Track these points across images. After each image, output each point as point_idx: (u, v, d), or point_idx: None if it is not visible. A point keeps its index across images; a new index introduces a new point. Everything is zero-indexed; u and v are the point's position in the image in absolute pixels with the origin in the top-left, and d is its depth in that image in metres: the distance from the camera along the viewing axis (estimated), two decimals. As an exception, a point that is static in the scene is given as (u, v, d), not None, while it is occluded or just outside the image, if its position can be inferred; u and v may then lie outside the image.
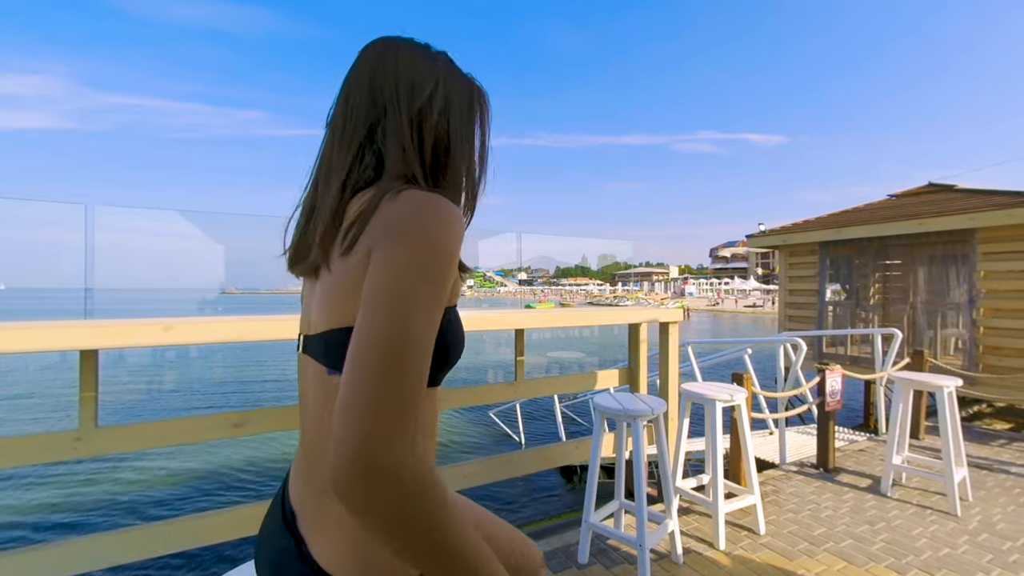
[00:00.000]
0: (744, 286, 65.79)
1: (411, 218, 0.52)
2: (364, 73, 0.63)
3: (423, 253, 0.50)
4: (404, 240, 0.51)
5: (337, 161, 0.62)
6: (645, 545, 1.91)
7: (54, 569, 1.46)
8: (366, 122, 0.62)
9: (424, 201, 0.53)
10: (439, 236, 0.51)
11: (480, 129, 0.69)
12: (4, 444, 1.45)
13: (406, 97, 0.62)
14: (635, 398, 2.13)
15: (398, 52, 0.64)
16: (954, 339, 6.50)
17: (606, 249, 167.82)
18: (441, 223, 0.52)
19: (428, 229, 0.51)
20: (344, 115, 0.63)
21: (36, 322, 1.52)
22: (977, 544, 2.32)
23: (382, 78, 0.63)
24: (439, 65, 0.66)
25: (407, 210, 0.52)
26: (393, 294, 0.48)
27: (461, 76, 0.68)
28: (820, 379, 3.25)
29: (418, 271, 0.50)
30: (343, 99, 0.64)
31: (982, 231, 5.22)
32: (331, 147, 0.64)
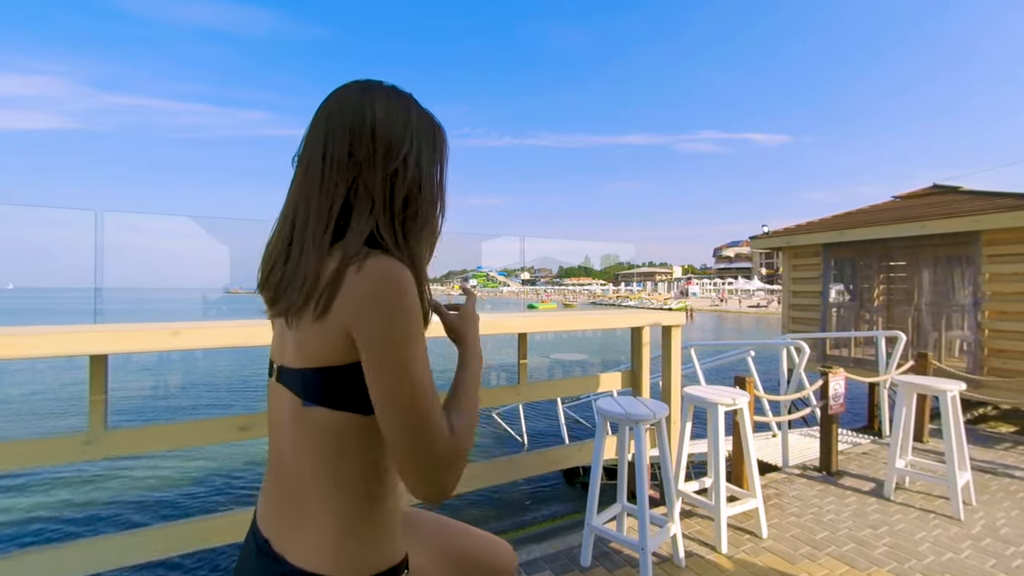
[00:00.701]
0: (748, 286, 65.55)
1: (381, 299, 0.60)
2: (342, 128, 0.66)
3: (404, 325, 0.61)
4: (384, 323, 0.60)
5: (316, 216, 0.65)
6: (647, 548, 1.92)
7: (58, 570, 1.49)
8: (347, 180, 0.65)
9: (386, 276, 0.61)
10: (408, 305, 0.61)
11: (440, 165, 0.75)
12: (16, 447, 1.48)
13: (382, 158, 0.66)
14: (637, 402, 2.14)
15: (375, 106, 0.67)
16: (958, 341, 6.47)
17: (609, 249, 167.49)
18: (404, 295, 0.61)
19: (397, 304, 0.61)
20: (322, 170, 0.66)
21: (47, 327, 1.54)
22: (980, 549, 2.32)
23: (359, 135, 0.66)
24: (412, 117, 0.70)
25: (374, 289, 0.60)
26: (403, 378, 0.60)
27: (427, 121, 0.73)
28: (823, 382, 3.25)
29: (406, 341, 0.61)
30: (321, 152, 0.66)
31: (987, 233, 5.20)
32: (308, 196, 0.66)
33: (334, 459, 0.64)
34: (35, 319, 1.52)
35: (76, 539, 1.57)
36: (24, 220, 3.62)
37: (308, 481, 0.65)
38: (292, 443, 0.66)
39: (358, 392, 0.63)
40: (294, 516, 0.66)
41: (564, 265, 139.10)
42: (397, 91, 0.71)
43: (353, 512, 0.65)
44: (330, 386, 0.63)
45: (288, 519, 0.66)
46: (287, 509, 0.67)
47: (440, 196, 0.74)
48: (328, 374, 0.63)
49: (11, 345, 1.39)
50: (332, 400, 0.64)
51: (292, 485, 0.67)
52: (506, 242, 7.20)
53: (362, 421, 0.64)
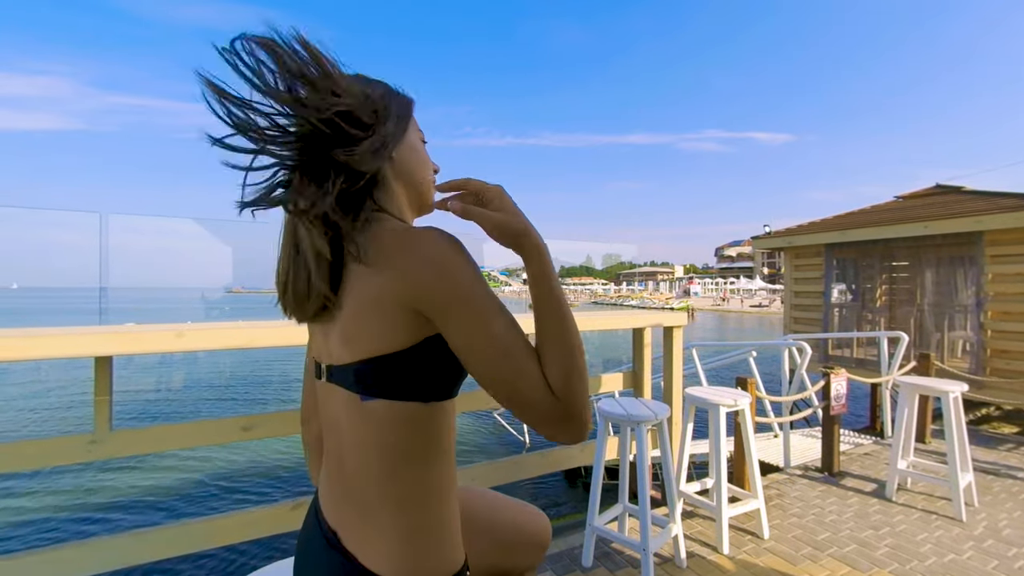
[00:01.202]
0: (750, 286, 65.45)
1: (441, 256, 0.58)
2: None
3: (478, 281, 0.58)
4: (455, 279, 0.57)
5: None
6: (649, 549, 1.92)
7: (64, 570, 1.50)
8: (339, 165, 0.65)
9: (436, 239, 0.59)
10: (467, 259, 0.59)
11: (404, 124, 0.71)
12: (23, 447, 1.49)
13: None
14: (639, 403, 2.14)
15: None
16: (961, 342, 6.45)
17: (611, 249, 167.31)
18: (460, 249, 0.59)
19: (461, 259, 0.58)
20: None
21: (51, 329, 1.56)
22: (983, 550, 2.32)
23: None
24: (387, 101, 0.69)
25: (432, 253, 0.58)
26: (497, 327, 0.57)
27: (400, 99, 0.72)
28: (825, 382, 3.25)
29: (488, 296, 0.58)
30: None
31: (989, 234, 5.19)
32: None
33: (398, 456, 0.63)
34: (40, 319, 1.54)
35: (81, 539, 1.58)
36: (29, 221, 3.66)
37: (372, 481, 0.63)
38: (353, 443, 0.64)
39: (419, 378, 0.61)
40: (360, 515, 0.65)
41: (566, 265, 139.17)
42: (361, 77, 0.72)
43: (418, 512, 0.64)
44: (389, 376, 0.60)
45: (354, 517, 0.65)
46: (352, 507, 0.65)
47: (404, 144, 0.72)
48: (385, 363, 0.60)
49: (16, 347, 1.40)
50: (392, 391, 0.61)
51: (355, 484, 0.65)
52: (507, 242, 7.16)
53: (423, 410, 0.63)
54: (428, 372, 0.61)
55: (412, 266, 0.57)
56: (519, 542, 0.92)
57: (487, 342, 0.57)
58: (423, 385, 0.61)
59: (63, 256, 27.95)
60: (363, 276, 0.60)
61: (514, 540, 0.91)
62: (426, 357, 0.61)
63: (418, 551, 0.63)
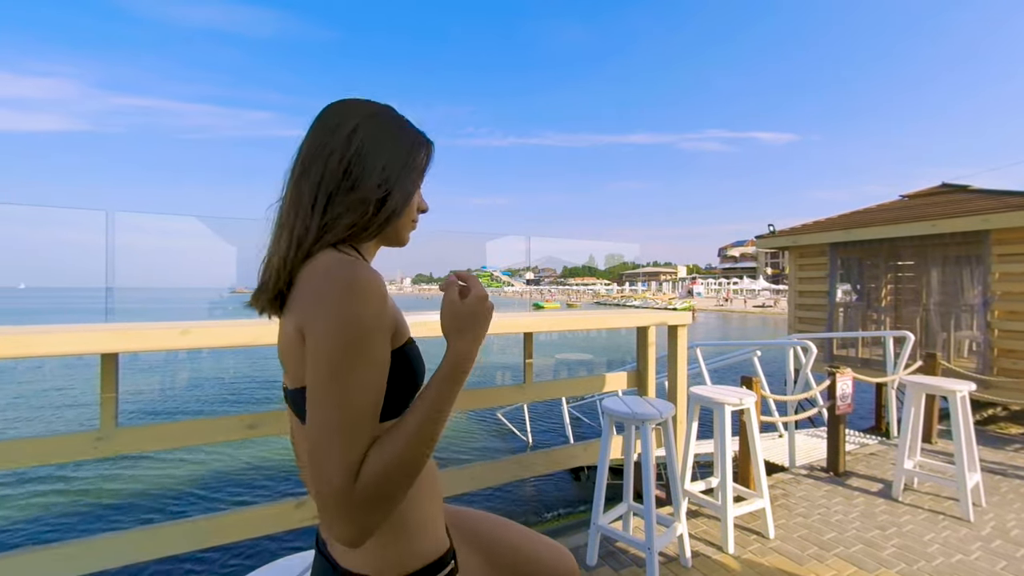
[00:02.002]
0: (753, 286, 65.24)
1: (326, 298, 0.59)
2: (311, 137, 0.71)
3: (344, 333, 0.57)
4: (323, 324, 0.58)
5: (287, 219, 0.69)
6: (654, 548, 1.92)
7: (71, 566, 1.50)
8: (324, 191, 0.68)
9: (334, 275, 0.60)
10: (353, 309, 0.58)
11: (416, 173, 0.74)
12: (30, 444, 1.50)
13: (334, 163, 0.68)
14: (643, 401, 2.14)
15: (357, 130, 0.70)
16: (967, 342, 6.41)
17: (613, 249, 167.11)
18: (353, 295, 0.58)
19: (342, 306, 0.58)
20: (298, 181, 0.69)
21: (58, 326, 1.56)
22: (990, 551, 2.30)
23: (321, 145, 0.69)
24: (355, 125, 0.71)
25: (321, 287, 0.60)
26: (329, 385, 0.56)
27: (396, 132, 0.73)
28: (830, 382, 3.24)
29: (344, 352, 0.56)
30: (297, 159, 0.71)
31: (996, 232, 5.15)
32: (287, 204, 0.70)
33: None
34: (47, 319, 1.55)
35: (88, 536, 1.59)
36: (36, 220, 3.71)
37: None
38: (308, 461, 0.67)
39: None
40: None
41: (568, 265, 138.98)
42: (358, 104, 0.74)
43: (389, 519, 0.66)
44: None
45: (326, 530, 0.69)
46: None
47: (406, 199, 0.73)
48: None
49: (24, 344, 1.41)
50: None
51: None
52: (511, 242, 7.21)
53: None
54: None
55: (301, 300, 0.62)
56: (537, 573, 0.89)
57: (323, 389, 0.56)
58: None
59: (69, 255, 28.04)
60: (288, 308, 0.66)
61: (532, 572, 0.88)
62: None
63: (391, 547, 0.66)
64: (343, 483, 0.54)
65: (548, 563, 0.89)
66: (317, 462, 0.55)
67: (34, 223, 15.80)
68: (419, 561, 0.68)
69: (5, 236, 6.23)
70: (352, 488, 0.55)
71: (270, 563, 1.06)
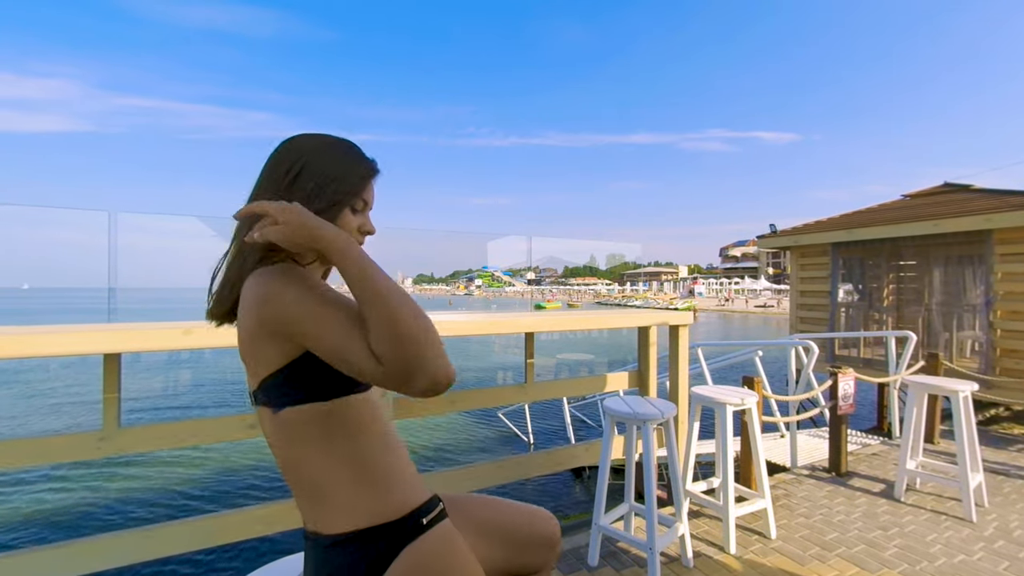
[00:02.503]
0: (755, 286, 65.15)
1: (248, 300, 0.72)
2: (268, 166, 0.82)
3: (299, 291, 0.69)
4: (286, 299, 0.69)
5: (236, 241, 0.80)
6: (655, 548, 1.92)
7: (73, 566, 1.51)
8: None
9: (270, 272, 0.72)
10: (291, 280, 0.71)
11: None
12: (33, 444, 1.51)
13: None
14: (645, 401, 2.13)
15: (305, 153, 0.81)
16: (970, 342, 6.39)
17: (614, 249, 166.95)
18: (287, 274, 0.71)
19: (285, 284, 0.70)
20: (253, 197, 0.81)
21: (61, 326, 1.57)
22: (993, 551, 2.29)
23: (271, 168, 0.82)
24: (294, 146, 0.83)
25: (248, 299, 0.72)
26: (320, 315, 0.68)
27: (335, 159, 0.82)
28: (832, 382, 3.23)
29: (311, 299, 0.69)
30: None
31: (999, 232, 5.13)
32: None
33: (320, 444, 0.74)
34: (51, 319, 1.56)
35: (90, 535, 1.59)
36: (38, 221, 3.71)
37: (305, 469, 0.75)
38: (283, 447, 0.76)
39: (308, 384, 0.73)
40: (310, 499, 0.76)
41: (569, 265, 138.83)
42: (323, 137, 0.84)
43: (355, 475, 0.75)
44: (283, 390, 0.73)
45: (307, 504, 0.77)
46: (304, 498, 0.77)
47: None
48: (275, 380, 0.73)
49: (27, 344, 1.41)
50: (290, 400, 0.73)
51: (298, 477, 0.76)
52: (512, 242, 7.21)
53: (326, 406, 0.74)
54: (313, 378, 0.73)
55: (243, 308, 0.72)
56: (530, 542, 0.96)
57: (319, 340, 0.67)
58: (314, 387, 0.73)
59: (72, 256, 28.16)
60: (239, 315, 0.75)
61: (525, 541, 0.96)
62: (301, 368, 0.72)
63: (364, 502, 0.74)
64: (374, 367, 0.64)
65: (531, 525, 0.98)
66: (356, 368, 0.65)
67: (37, 224, 15.86)
68: (393, 510, 0.76)
69: (9, 237, 6.26)
70: (387, 368, 0.63)
71: (270, 563, 1.06)
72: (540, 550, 0.97)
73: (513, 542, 0.94)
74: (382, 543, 0.74)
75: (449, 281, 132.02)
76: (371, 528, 0.74)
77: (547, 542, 0.98)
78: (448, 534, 0.80)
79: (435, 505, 0.82)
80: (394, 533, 0.75)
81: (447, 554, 0.78)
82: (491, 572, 0.89)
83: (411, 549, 0.74)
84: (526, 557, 0.95)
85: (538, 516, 1.00)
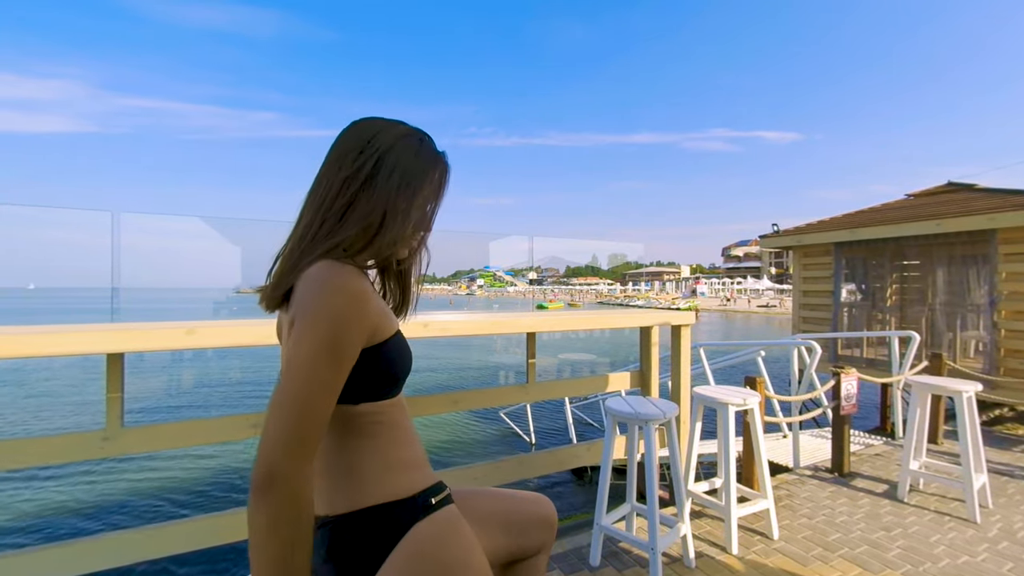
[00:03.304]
0: (757, 285, 65.00)
1: (309, 296, 0.70)
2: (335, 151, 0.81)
3: (317, 330, 0.67)
4: (303, 320, 0.68)
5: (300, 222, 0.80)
6: (657, 548, 1.91)
7: (77, 565, 1.52)
8: (320, 197, 0.79)
9: (319, 276, 0.70)
10: (329, 309, 0.68)
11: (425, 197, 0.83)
12: (37, 443, 1.51)
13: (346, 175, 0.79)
14: (647, 401, 2.13)
15: (345, 131, 0.82)
16: (974, 342, 6.36)
17: (616, 248, 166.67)
18: (332, 295, 0.69)
19: (320, 306, 0.68)
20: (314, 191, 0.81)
21: (65, 326, 1.57)
22: (997, 552, 2.28)
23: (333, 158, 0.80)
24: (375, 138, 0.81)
25: (307, 287, 0.70)
26: (293, 374, 0.66)
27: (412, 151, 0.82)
28: (835, 382, 3.22)
29: (312, 348, 0.67)
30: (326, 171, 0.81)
31: (1003, 231, 5.11)
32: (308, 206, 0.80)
33: (342, 439, 0.79)
34: (55, 319, 1.57)
35: (93, 535, 1.60)
36: (44, 221, 3.73)
37: (324, 457, 0.79)
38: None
39: (364, 384, 0.76)
40: (326, 483, 0.80)
41: (571, 265, 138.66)
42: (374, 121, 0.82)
43: (367, 464, 0.79)
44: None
45: (334, 489, 0.80)
46: (328, 484, 0.80)
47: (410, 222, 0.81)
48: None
49: (31, 344, 1.42)
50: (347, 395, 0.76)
51: (330, 464, 0.80)
52: (514, 242, 7.21)
53: (354, 408, 0.78)
54: (369, 380, 0.76)
55: (296, 299, 0.72)
56: (529, 524, 1.01)
57: (288, 378, 0.66)
58: (346, 394, 0.74)
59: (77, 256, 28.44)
60: (290, 306, 0.75)
61: (524, 523, 1.00)
62: (362, 369, 0.75)
63: (382, 485, 0.79)
64: (271, 457, 0.63)
65: (527, 509, 1.02)
66: (265, 429, 0.65)
67: (43, 224, 15.98)
68: (406, 490, 0.80)
69: (15, 237, 6.33)
70: (263, 463, 0.63)
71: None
72: (538, 531, 1.01)
73: (512, 526, 0.98)
74: (391, 518, 0.78)
75: (451, 281, 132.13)
76: (382, 504, 0.78)
77: (544, 523, 1.02)
78: (454, 516, 0.84)
79: (442, 488, 0.86)
80: (404, 510, 0.79)
81: (452, 532, 0.81)
82: (494, 558, 0.93)
83: (418, 529, 0.78)
84: (525, 539, 0.99)
85: (532, 500, 1.04)
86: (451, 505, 0.86)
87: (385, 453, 0.80)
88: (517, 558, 1.00)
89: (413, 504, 0.80)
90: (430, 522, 0.80)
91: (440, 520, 0.81)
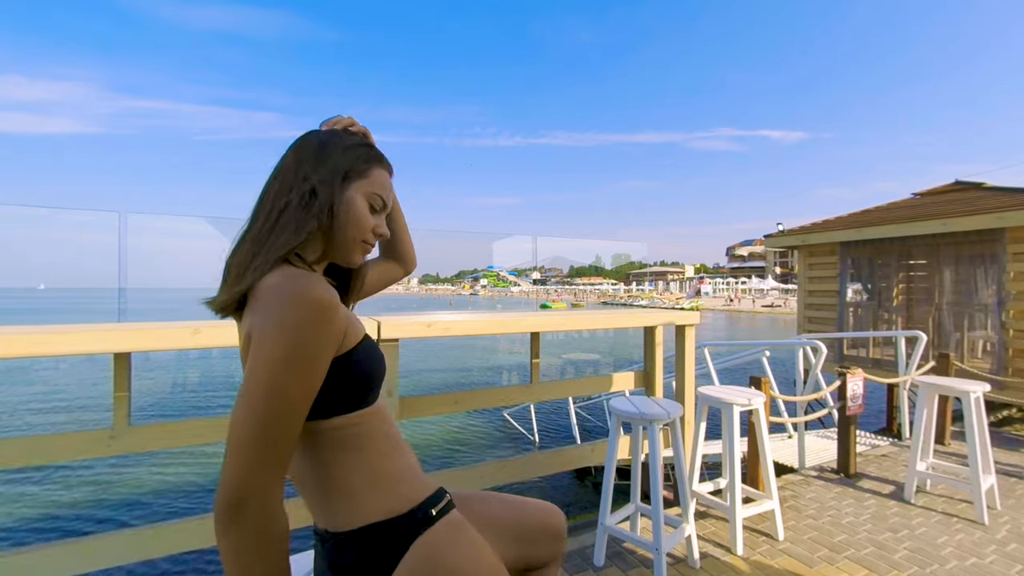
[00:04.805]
0: (761, 285, 64.68)
1: (272, 307, 0.66)
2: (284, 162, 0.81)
3: (284, 343, 0.64)
4: (268, 333, 0.64)
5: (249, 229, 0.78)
6: (661, 549, 1.91)
7: (82, 563, 1.52)
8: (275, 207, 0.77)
9: (281, 286, 0.67)
10: (295, 321, 0.65)
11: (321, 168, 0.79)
12: (45, 441, 1.53)
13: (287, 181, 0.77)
14: (651, 402, 2.13)
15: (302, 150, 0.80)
16: (981, 342, 6.30)
17: (620, 248, 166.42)
18: (296, 306, 0.65)
19: (283, 317, 0.65)
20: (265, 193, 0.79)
21: (72, 326, 1.59)
22: (1006, 554, 2.26)
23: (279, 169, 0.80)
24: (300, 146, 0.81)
25: (269, 297, 0.67)
26: (257, 391, 0.63)
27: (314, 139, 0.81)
28: (841, 382, 3.20)
29: (278, 362, 0.63)
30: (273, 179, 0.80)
31: (1011, 230, 5.06)
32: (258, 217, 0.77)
33: (324, 456, 0.76)
34: (63, 319, 1.59)
35: (100, 532, 1.61)
36: (52, 222, 3.77)
37: (321, 474, 0.76)
38: (300, 452, 0.77)
39: (334, 397, 0.73)
40: (325, 501, 0.78)
41: (575, 264, 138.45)
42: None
43: (359, 481, 0.76)
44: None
45: (324, 505, 0.78)
46: (318, 500, 0.78)
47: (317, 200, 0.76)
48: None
49: (39, 343, 1.43)
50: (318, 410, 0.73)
51: (315, 481, 0.78)
52: (517, 241, 7.23)
53: (328, 423, 0.74)
54: (339, 393, 0.73)
55: (253, 307, 0.68)
56: (538, 534, 0.99)
57: (249, 397, 0.63)
58: (320, 408, 0.71)
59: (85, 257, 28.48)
60: (245, 314, 0.72)
61: (533, 532, 0.99)
62: (332, 382, 0.72)
63: (376, 500, 0.77)
64: (229, 495, 0.60)
65: (540, 519, 1.00)
66: (225, 460, 0.62)
67: (51, 224, 16.12)
68: (404, 505, 0.78)
69: (26, 239, 6.38)
70: (222, 493, 0.60)
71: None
72: (547, 542, 1.00)
73: (523, 537, 0.96)
74: (392, 535, 0.76)
75: (455, 281, 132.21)
76: (382, 522, 0.76)
77: (555, 534, 1.01)
78: (457, 522, 0.83)
79: (442, 496, 0.84)
80: (404, 525, 0.77)
81: (458, 541, 0.80)
82: (508, 564, 0.91)
83: (421, 541, 0.77)
84: (534, 549, 0.98)
85: (542, 509, 1.03)
86: (453, 511, 0.85)
87: (371, 466, 0.78)
88: (525, 568, 0.98)
89: (413, 518, 0.78)
90: (432, 532, 0.79)
91: (443, 530, 0.80)
